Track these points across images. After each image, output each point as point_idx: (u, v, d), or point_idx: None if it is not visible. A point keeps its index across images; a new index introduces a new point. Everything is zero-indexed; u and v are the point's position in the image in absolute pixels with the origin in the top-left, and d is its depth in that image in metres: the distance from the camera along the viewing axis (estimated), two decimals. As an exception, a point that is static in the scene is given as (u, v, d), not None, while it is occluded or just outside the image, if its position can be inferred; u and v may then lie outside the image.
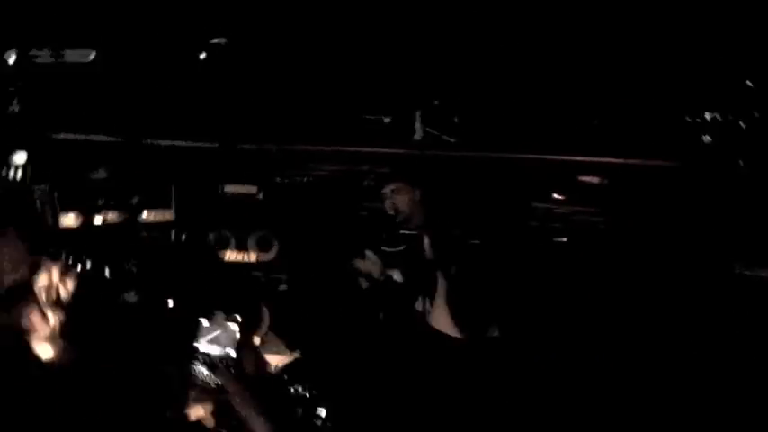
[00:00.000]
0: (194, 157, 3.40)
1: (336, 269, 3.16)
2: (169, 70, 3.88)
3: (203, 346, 1.76)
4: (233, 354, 1.75)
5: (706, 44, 3.25)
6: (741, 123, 3.19)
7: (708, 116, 3.23)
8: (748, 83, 3.26)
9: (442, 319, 1.40)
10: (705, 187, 2.91)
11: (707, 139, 3.23)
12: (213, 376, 1.70)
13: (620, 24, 3.33)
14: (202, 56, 4.00)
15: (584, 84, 3.33)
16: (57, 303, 1.68)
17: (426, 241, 1.46)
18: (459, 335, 1.36)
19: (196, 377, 1.72)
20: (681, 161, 3.01)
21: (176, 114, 3.64)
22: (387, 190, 2.99)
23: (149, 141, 3.47)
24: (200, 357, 1.74)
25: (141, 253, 3.10)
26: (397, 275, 3.03)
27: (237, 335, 1.75)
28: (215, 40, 4.03)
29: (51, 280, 1.70)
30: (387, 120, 3.78)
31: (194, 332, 1.74)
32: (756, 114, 3.23)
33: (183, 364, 1.76)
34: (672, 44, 3.24)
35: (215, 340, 1.76)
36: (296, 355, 2.78)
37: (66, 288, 1.70)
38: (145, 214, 3.22)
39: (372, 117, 3.78)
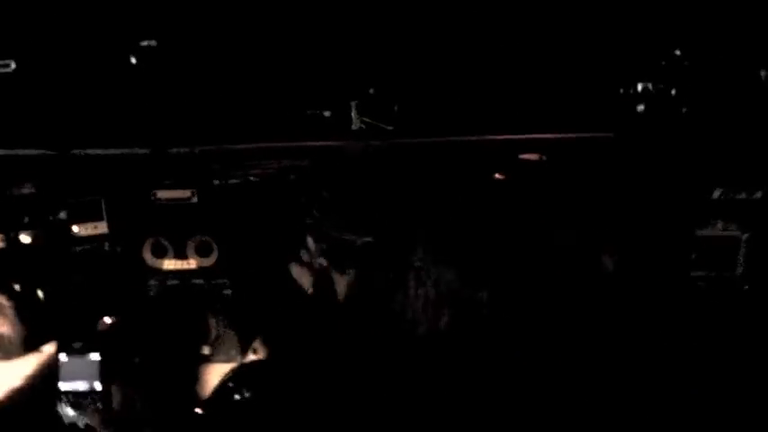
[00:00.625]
0: (123, 165, 3.28)
1: (280, 267, 3.09)
2: (93, 76, 3.75)
3: (65, 384, 1.65)
4: (98, 387, 1.64)
5: (634, 14, 3.28)
6: (672, 92, 3.23)
7: (640, 87, 3.25)
8: (677, 52, 3.30)
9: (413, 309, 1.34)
10: (640, 157, 2.93)
11: (640, 108, 3.26)
12: (79, 416, 1.60)
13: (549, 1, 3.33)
14: (132, 60, 3.87)
15: (517, 61, 3.33)
16: None
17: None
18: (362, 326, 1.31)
19: (64, 419, 1.60)
20: (616, 132, 3.02)
21: (102, 122, 3.51)
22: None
23: (75, 152, 3.33)
24: (62, 397, 1.62)
25: (75, 269, 2.98)
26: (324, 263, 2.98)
27: (98, 365, 1.63)
28: (144, 43, 3.90)
29: None
30: (326, 113, 3.71)
31: (55, 370, 1.63)
32: (687, 83, 3.27)
33: (47, 409, 1.66)
34: (598, 18, 3.26)
35: (75, 375, 1.64)
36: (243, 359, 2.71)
37: None
38: (76, 228, 3.09)
39: (312, 111, 3.72)
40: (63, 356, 1.59)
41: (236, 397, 2.05)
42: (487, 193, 3.22)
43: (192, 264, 2.99)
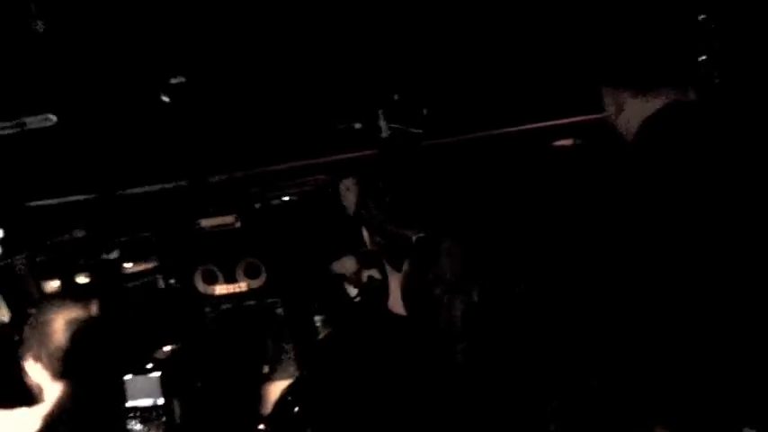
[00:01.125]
0: (166, 199, 3.39)
1: (326, 282, 3.14)
2: (129, 117, 3.88)
3: (130, 401, 1.72)
4: (161, 401, 1.70)
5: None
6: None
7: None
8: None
9: (398, 304, 1.37)
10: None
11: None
12: (146, 429, 1.67)
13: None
14: (165, 98, 4.00)
15: (532, 50, 3.31)
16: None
17: (366, 234, 1.43)
18: (412, 316, 1.33)
19: None
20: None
21: (140, 160, 3.63)
22: (342, 187, 2.99)
23: (119, 192, 3.45)
24: (129, 413, 1.70)
25: (131, 305, 3.08)
26: (376, 273, 3.01)
27: (159, 381, 1.70)
28: (173, 80, 4.03)
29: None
30: (357, 125, 3.77)
31: (119, 389, 1.71)
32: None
33: (115, 426, 1.72)
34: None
35: (139, 392, 1.72)
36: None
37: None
38: (129, 265, 3.19)
39: (343, 125, 3.77)
40: (128, 377, 1.68)
41: (296, 410, 2.08)
42: (529, 183, 3.21)
43: (242, 287, 3.06)
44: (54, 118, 4.02)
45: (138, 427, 1.64)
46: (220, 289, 3.11)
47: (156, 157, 3.61)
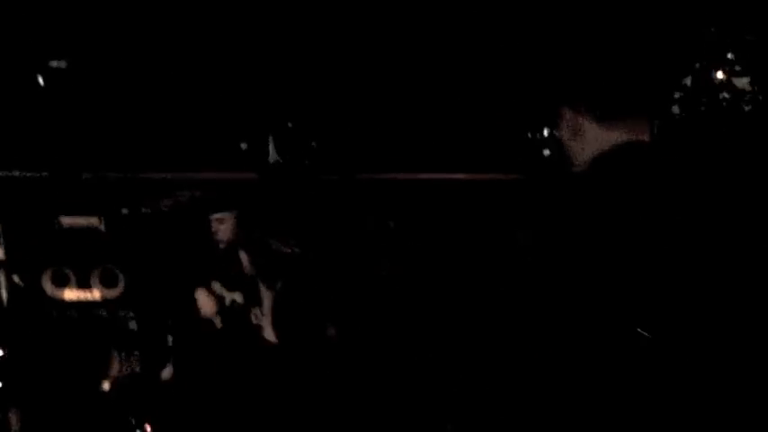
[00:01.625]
0: (25, 189, 3.16)
1: (186, 301, 3.03)
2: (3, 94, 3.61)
3: None
4: None
5: (540, 63, 3.49)
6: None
7: (546, 132, 3.44)
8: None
9: (269, 330, 1.37)
10: (545, 198, 3.08)
11: (546, 152, 3.45)
12: None
13: (465, 45, 3.50)
14: (40, 79, 3.76)
15: (428, 103, 3.45)
16: None
17: (245, 256, 1.42)
18: (286, 343, 1.33)
19: None
20: (522, 174, 3.17)
21: (5, 142, 3.37)
22: (212, 220, 2.94)
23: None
24: None
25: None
26: (239, 297, 2.96)
27: None
28: (53, 63, 3.80)
29: None
30: (243, 145, 3.71)
31: None
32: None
33: None
34: (505, 64, 3.44)
35: None
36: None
37: None
38: (-32, 254, 2.93)
39: (225, 141, 3.71)
40: None
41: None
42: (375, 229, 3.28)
43: (96, 294, 2.89)
44: None
45: None
46: (70, 294, 2.92)
47: (23, 142, 3.37)
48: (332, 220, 1.39)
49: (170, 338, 3.17)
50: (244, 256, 1.42)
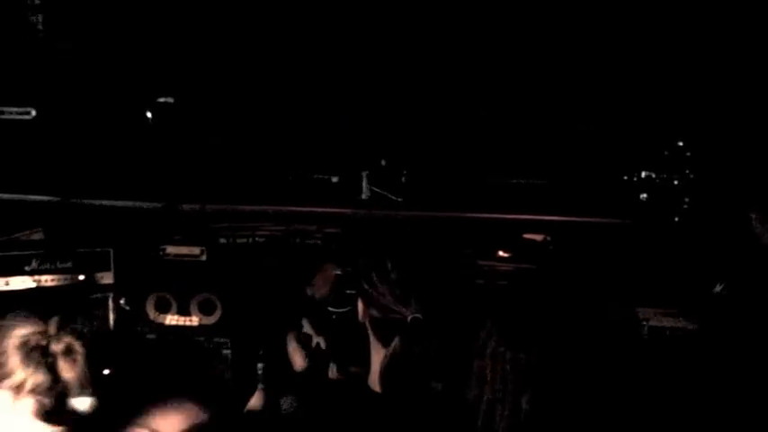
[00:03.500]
0: (134, 218, 3.35)
1: (279, 332, 3.11)
2: (111, 128, 3.86)
3: None
4: None
5: (640, 106, 3.44)
6: (675, 182, 3.35)
7: (644, 174, 3.38)
8: (680, 143, 3.44)
9: (378, 382, 1.38)
10: (643, 243, 3.01)
11: (643, 196, 3.38)
12: None
13: (557, 90, 3.50)
14: (148, 114, 4.00)
15: (526, 143, 3.46)
16: None
17: (360, 305, 1.45)
18: (395, 396, 1.34)
19: None
20: (620, 218, 3.12)
21: (116, 173, 3.60)
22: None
23: (88, 201, 3.40)
24: None
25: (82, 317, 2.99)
26: (323, 343, 3.00)
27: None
28: (161, 100, 4.04)
29: None
30: (334, 179, 3.82)
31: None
32: (689, 173, 3.40)
33: None
34: (605, 107, 3.41)
35: None
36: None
37: None
38: (82, 277, 3.12)
39: (320, 176, 3.82)
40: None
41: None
42: (489, 269, 3.28)
43: (194, 320, 3.01)
44: (33, 113, 3.97)
45: None
46: (171, 319, 3.06)
47: (133, 174, 3.58)
48: (433, 264, 1.41)
49: (259, 367, 3.25)
50: (360, 305, 1.44)
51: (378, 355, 1.40)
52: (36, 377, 1.56)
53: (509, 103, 3.42)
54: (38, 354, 1.58)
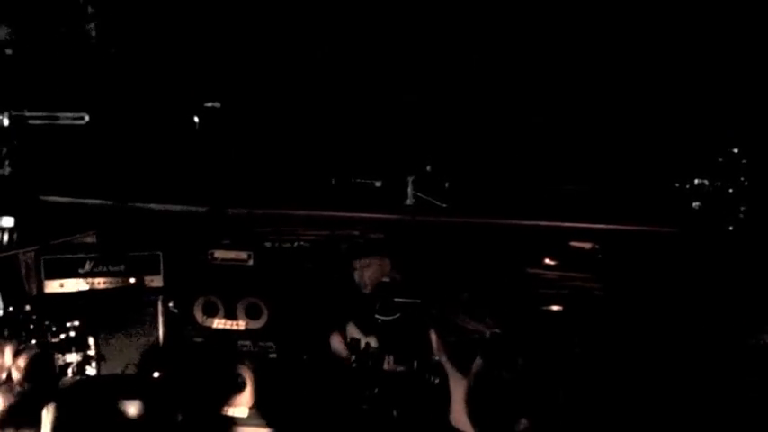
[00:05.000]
0: (183, 222, 3.41)
1: (325, 339, 3.13)
2: (160, 134, 3.94)
3: None
4: None
5: (693, 112, 3.36)
6: (730, 189, 3.27)
7: (697, 182, 3.30)
8: (735, 150, 3.36)
9: (462, 418, 1.33)
10: (697, 251, 2.94)
11: (696, 204, 3.30)
12: None
13: (607, 96, 3.45)
14: (196, 119, 4.08)
15: (575, 150, 3.42)
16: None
17: (434, 336, 1.40)
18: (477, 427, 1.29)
19: None
20: (671, 226, 3.05)
21: (165, 178, 3.67)
22: (357, 264, 3.01)
23: (139, 205, 3.47)
24: None
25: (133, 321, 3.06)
26: (373, 342, 3.01)
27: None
28: (208, 104, 4.11)
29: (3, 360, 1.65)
30: (378, 184, 3.83)
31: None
32: (743, 180, 3.31)
33: None
34: (658, 112, 3.34)
35: None
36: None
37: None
38: (132, 280, 3.19)
39: (363, 180, 3.84)
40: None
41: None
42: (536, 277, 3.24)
43: (240, 325, 3.05)
44: (87, 118, 4.08)
45: None
46: (218, 323, 3.09)
47: (181, 179, 3.65)
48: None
49: (306, 372, 3.28)
50: (433, 336, 1.39)
51: (459, 389, 1.33)
52: None
53: (560, 109, 3.38)
54: None
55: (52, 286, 3.09)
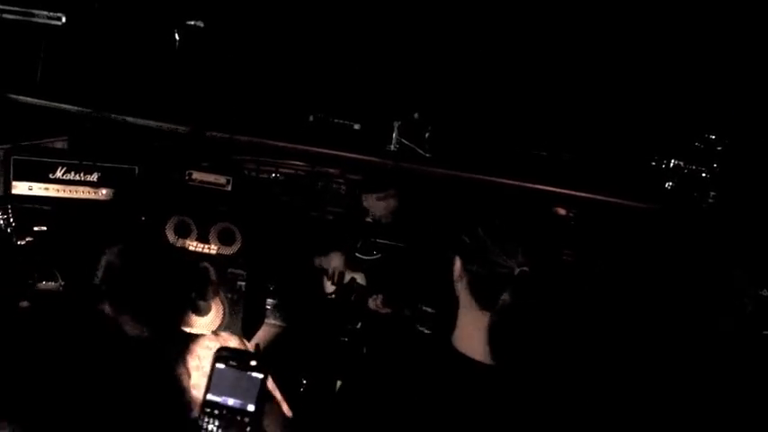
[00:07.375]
0: (161, 139, 3.31)
1: (299, 269, 3.13)
2: (143, 45, 3.78)
3: (215, 394, 1.32)
4: (252, 408, 1.31)
5: (677, 95, 3.42)
6: (703, 174, 3.35)
7: (673, 163, 3.37)
8: (712, 137, 3.43)
9: (471, 344, 1.33)
10: (671, 228, 3.03)
11: (669, 184, 3.38)
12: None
13: (599, 69, 3.46)
14: (177, 36, 3.92)
15: (561, 118, 3.44)
16: None
17: (458, 262, 1.38)
18: (491, 362, 1.30)
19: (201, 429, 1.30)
20: (648, 202, 3.12)
21: (146, 91, 3.54)
22: (372, 195, 2.99)
23: (116, 116, 3.36)
24: (206, 409, 1.32)
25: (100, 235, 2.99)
26: (360, 279, 3.02)
27: (260, 386, 1.31)
28: (191, 22, 3.95)
29: None
30: (356, 126, 3.78)
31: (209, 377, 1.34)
32: (716, 166, 3.40)
33: (182, 415, 1.52)
34: (646, 93, 3.39)
35: (231, 390, 1.31)
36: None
37: None
38: (104, 191, 3.10)
39: (342, 121, 3.78)
40: (219, 365, 1.31)
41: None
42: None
43: (212, 249, 3.01)
44: (64, 19, 3.88)
45: (210, 426, 1.30)
46: (189, 244, 3.05)
47: (164, 95, 3.53)
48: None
49: (270, 303, 3.28)
50: (457, 263, 1.37)
51: (471, 317, 1.32)
52: None
53: (548, 74, 3.38)
54: None
55: (20, 188, 2.98)
